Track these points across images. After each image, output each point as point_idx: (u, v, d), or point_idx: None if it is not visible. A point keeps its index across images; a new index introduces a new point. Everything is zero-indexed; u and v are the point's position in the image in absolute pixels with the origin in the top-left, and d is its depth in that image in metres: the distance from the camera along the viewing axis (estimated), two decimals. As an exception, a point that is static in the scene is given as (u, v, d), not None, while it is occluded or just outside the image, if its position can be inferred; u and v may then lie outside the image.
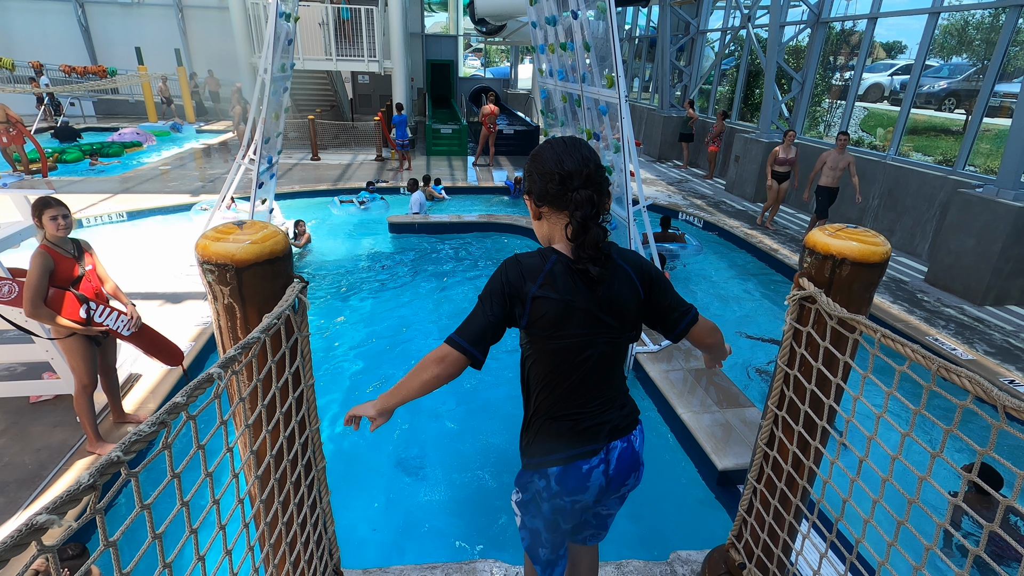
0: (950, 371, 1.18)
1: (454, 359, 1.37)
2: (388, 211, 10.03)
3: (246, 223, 1.41)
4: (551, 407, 1.48)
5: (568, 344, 1.39)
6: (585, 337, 1.40)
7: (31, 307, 3.20)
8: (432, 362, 1.39)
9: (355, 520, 3.55)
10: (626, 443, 1.56)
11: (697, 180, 12.96)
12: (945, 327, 5.96)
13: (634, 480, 1.64)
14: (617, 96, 4.61)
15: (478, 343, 1.37)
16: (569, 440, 1.48)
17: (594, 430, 1.49)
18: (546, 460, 1.49)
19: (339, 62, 15.56)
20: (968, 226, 6.55)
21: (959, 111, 9.57)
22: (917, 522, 1.34)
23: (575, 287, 1.37)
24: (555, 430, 1.48)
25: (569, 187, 1.35)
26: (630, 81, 18.32)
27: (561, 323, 1.37)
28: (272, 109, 6.71)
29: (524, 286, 1.37)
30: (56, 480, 3.45)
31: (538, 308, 1.36)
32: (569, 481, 1.49)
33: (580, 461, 1.48)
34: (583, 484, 1.49)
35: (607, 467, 1.52)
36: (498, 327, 1.39)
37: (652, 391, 4.73)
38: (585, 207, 1.33)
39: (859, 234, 1.56)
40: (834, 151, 7.89)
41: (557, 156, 1.37)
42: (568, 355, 1.41)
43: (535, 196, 1.41)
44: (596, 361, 1.43)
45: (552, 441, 1.48)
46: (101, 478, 0.77)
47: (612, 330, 1.43)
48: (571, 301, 1.37)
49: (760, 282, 7.65)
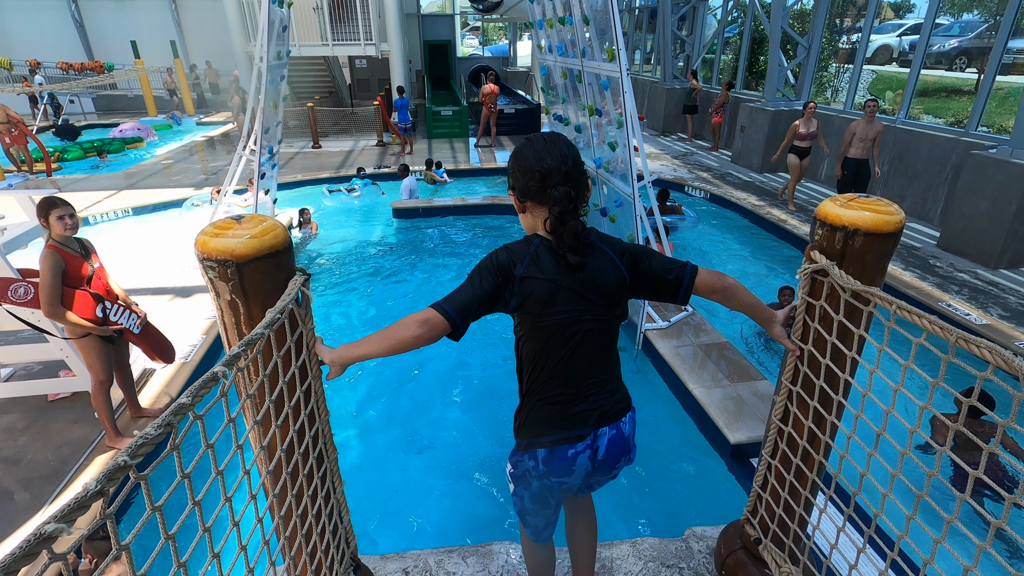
0: (969, 342, 1.14)
1: (436, 323, 1.40)
2: (381, 197, 9.88)
3: (244, 217, 1.39)
4: (542, 387, 1.54)
5: (556, 320, 1.46)
6: (571, 314, 1.47)
7: (49, 307, 3.22)
8: (415, 323, 1.40)
9: (371, 507, 3.59)
10: (615, 430, 1.59)
11: (702, 152, 12.77)
12: (958, 292, 5.88)
13: (624, 462, 1.67)
14: (618, 70, 4.52)
15: (462, 314, 1.41)
16: (558, 424, 1.54)
17: (583, 416, 1.54)
18: (535, 442, 1.56)
19: (335, 47, 15.37)
20: (981, 188, 6.42)
21: (971, 70, 9.31)
22: (937, 495, 1.32)
23: (559, 268, 1.45)
24: (545, 413, 1.54)
25: (548, 184, 1.43)
26: (631, 54, 17.98)
27: (548, 301, 1.45)
28: (270, 98, 6.64)
29: (513, 268, 1.45)
30: (79, 475, 3.51)
31: (526, 288, 1.44)
32: (555, 463, 1.55)
33: (566, 445, 1.54)
34: (568, 467, 1.55)
35: (594, 453, 1.57)
36: (484, 302, 1.44)
37: (663, 368, 4.72)
38: (563, 203, 1.42)
39: (872, 203, 1.52)
40: (862, 120, 7.33)
41: (537, 154, 1.44)
42: (556, 331, 1.47)
43: (518, 192, 1.50)
44: (583, 338, 1.49)
45: (542, 424, 1.55)
46: (109, 483, 0.76)
47: (596, 307, 1.49)
48: (556, 280, 1.45)
49: (769, 254, 7.57)
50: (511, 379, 1.77)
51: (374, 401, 4.65)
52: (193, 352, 4.84)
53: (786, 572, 1.95)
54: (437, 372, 4.98)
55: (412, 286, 6.81)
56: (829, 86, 11.20)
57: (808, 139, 8.14)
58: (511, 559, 2.42)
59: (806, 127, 8.09)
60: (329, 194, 9.88)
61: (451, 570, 2.37)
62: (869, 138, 7.28)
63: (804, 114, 8.09)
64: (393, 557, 2.43)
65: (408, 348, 1.41)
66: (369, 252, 7.86)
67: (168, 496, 0.94)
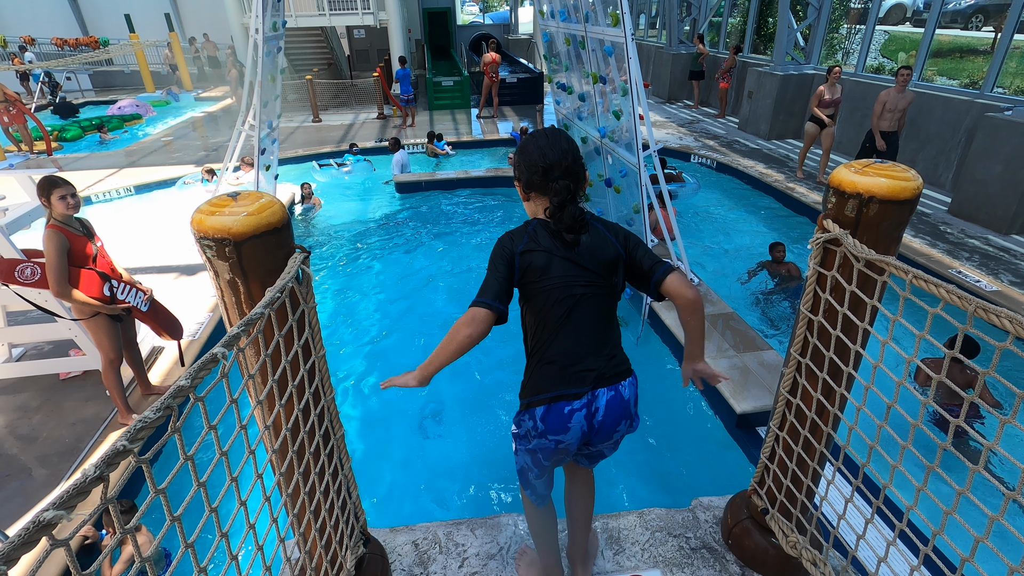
0: (989, 311, 1.11)
1: (483, 316, 1.53)
2: (373, 173, 9.74)
3: (241, 193, 1.36)
4: (542, 349, 1.65)
5: (553, 284, 1.60)
6: (566, 279, 1.60)
7: (58, 287, 3.21)
8: (464, 325, 1.54)
9: (380, 482, 3.64)
10: (613, 391, 1.65)
11: (709, 120, 12.52)
12: (969, 258, 5.80)
13: (625, 427, 1.72)
14: (623, 35, 4.38)
15: (499, 298, 1.56)
16: (556, 382, 1.62)
17: (580, 375, 1.62)
18: (534, 400, 1.65)
19: (332, 16, 15.03)
20: (995, 152, 6.27)
21: (987, 29, 9.01)
22: (947, 466, 1.30)
23: (555, 242, 1.61)
24: (544, 372, 1.64)
25: (550, 178, 1.59)
26: (636, 18, 17.49)
27: (545, 269, 1.60)
28: (267, 71, 6.52)
29: (514, 246, 1.62)
30: (93, 452, 3.57)
31: (525, 260, 1.60)
32: (551, 420, 1.62)
33: (563, 403, 1.61)
34: (564, 425, 1.62)
35: (590, 412, 1.63)
36: (508, 281, 1.60)
37: (669, 339, 4.71)
38: (562, 194, 1.59)
39: (888, 169, 1.46)
40: (893, 89, 6.88)
41: (540, 150, 1.60)
42: (553, 294, 1.60)
43: (523, 184, 1.67)
44: (579, 302, 1.61)
45: (541, 382, 1.65)
46: (108, 469, 0.75)
47: (591, 274, 1.61)
48: (551, 251, 1.60)
49: (777, 223, 7.47)
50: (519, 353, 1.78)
51: (380, 377, 4.67)
52: (200, 330, 4.86)
53: (793, 542, 1.96)
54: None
55: (417, 259, 6.79)
56: (840, 48, 10.88)
57: (832, 106, 7.72)
58: (519, 530, 2.45)
59: (831, 93, 7.65)
60: (319, 168, 9.74)
61: (460, 542, 2.40)
62: (899, 108, 6.88)
63: (828, 79, 7.62)
64: (403, 530, 2.47)
65: (469, 347, 1.55)
66: (372, 227, 7.82)
67: (172, 478, 0.93)
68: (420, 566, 2.28)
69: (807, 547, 1.91)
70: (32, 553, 2.39)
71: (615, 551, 2.34)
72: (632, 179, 4.94)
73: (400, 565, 2.28)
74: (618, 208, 5.56)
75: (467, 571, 2.26)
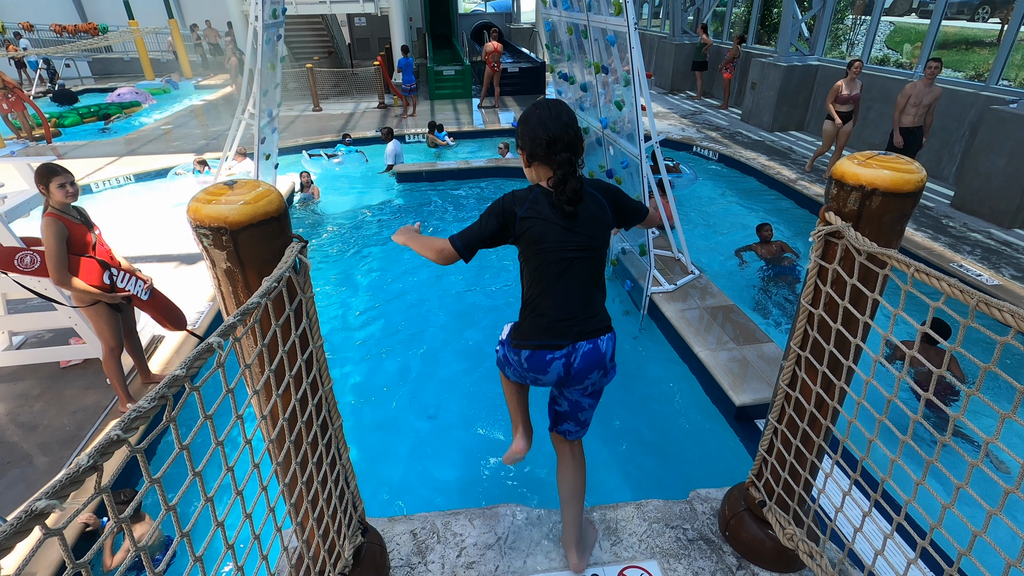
0: (991, 305, 1.10)
1: (449, 254, 1.82)
2: (365, 165, 9.67)
3: (237, 182, 1.34)
4: (535, 303, 1.86)
5: (548, 248, 1.78)
6: (560, 245, 1.78)
7: (58, 275, 3.20)
8: (436, 249, 1.84)
9: (378, 471, 3.65)
10: (591, 345, 1.87)
11: (712, 111, 12.44)
12: (971, 252, 5.78)
13: (598, 376, 1.94)
14: (626, 24, 4.34)
15: (469, 247, 1.82)
16: (542, 332, 1.85)
17: (564, 330, 1.84)
18: (523, 343, 1.89)
19: (333, 4, 14.92)
20: (1000, 145, 6.23)
21: (993, 20, 8.92)
22: (947, 461, 1.30)
23: (553, 211, 1.77)
24: (535, 323, 1.86)
25: (553, 150, 1.73)
26: (639, 7, 17.33)
27: (542, 236, 1.78)
28: (267, 59, 6.47)
29: (516, 209, 1.79)
30: (94, 440, 3.58)
31: (524, 225, 1.78)
32: (534, 363, 1.88)
33: (546, 351, 1.85)
34: (544, 368, 1.88)
35: (568, 362, 1.87)
36: (487, 239, 1.81)
37: (668, 331, 4.70)
38: (565, 167, 1.73)
39: (891, 161, 1.45)
40: (919, 83, 6.54)
41: (543, 122, 1.73)
42: (549, 256, 1.79)
43: (527, 154, 1.81)
44: (570, 265, 1.80)
45: (531, 331, 1.87)
46: (101, 458, 0.75)
47: (583, 238, 1.80)
48: (549, 219, 1.77)
49: (779, 216, 7.44)
50: None
51: (380, 367, 4.68)
52: (201, 319, 4.86)
53: (790, 534, 1.96)
54: (444, 337, 4.99)
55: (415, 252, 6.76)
56: (845, 39, 10.78)
57: (851, 102, 7.36)
58: (517, 520, 2.46)
59: (849, 89, 7.28)
60: (309, 158, 9.63)
61: (458, 532, 2.41)
62: (925, 103, 6.54)
63: (848, 74, 7.26)
64: (401, 519, 2.48)
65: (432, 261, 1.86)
66: (372, 217, 7.79)
67: (167, 468, 0.93)
68: (418, 555, 2.29)
69: (804, 539, 1.91)
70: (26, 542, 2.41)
71: (612, 542, 2.34)
72: (633, 169, 4.91)
73: (398, 554, 2.29)
74: (619, 199, 5.53)
75: (465, 561, 2.27)
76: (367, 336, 5.10)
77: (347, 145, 10.06)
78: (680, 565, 2.22)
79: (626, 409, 4.03)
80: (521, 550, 2.32)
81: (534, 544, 2.35)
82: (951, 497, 1.27)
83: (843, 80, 7.32)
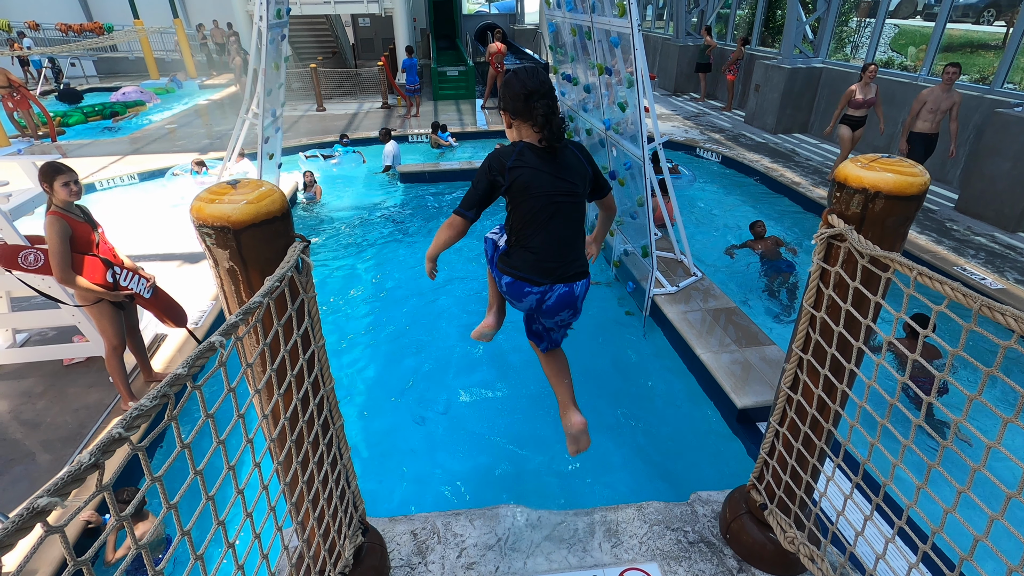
0: (994, 309, 1.10)
1: (459, 223, 2.06)
2: (363, 165, 9.66)
3: (240, 182, 1.35)
4: (525, 240, 2.07)
5: (538, 193, 1.99)
6: (548, 190, 1.99)
7: (62, 274, 3.21)
8: (447, 227, 2.08)
9: (379, 471, 3.65)
10: (567, 288, 2.12)
11: (715, 113, 12.43)
12: (975, 256, 5.76)
13: (568, 315, 2.22)
14: (629, 26, 4.34)
15: (471, 208, 2.04)
16: (527, 268, 2.09)
17: (545, 270, 2.08)
18: (506, 270, 2.13)
19: (337, 4, 14.95)
20: (1004, 148, 6.21)
21: (999, 23, 8.89)
22: (948, 465, 1.30)
23: (538, 159, 1.99)
24: (522, 256, 2.09)
25: (532, 101, 1.94)
26: (643, 9, 17.33)
27: (530, 183, 1.98)
28: (271, 59, 6.49)
29: (504, 161, 1.99)
30: (96, 437, 3.59)
31: (513, 174, 1.97)
32: (513, 290, 2.14)
33: (524, 284, 2.10)
34: (520, 297, 2.14)
35: (542, 298, 2.12)
36: (485, 197, 2.03)
37: (670, 332, 4.69)
38: (544, 108, 1.94)
39: (895, 164, 1.44)
40: (937, 88, 6.31)
41: (521, 81, 1.96)
42: (539, 201, 2.00)
43: (510, 112, 2.01)
44: (557, 208, 2.02)
45: (517, 261, 2.10)
46: (103, 456, 0.75)
47: (568, 184, 2.03)
48: (536, 167, 1.98)
49: (783, 219, 7.42)
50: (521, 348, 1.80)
51: (382, 367, 4.68)
52: (204, 317, 4.87)
53: (791, 537, 1.96)
54: (446, 337, 4.99)
55: (418, 250, 6.78)
56: (849, 42, 10.76)
57: (864, 107, 7.08)
58: (518, 521, 2.46)
59: (863, 93, 7.01)
60: (306, 159, 9.64)
61: (458, 532, 2.41)
62: (942, 110, 6.31)
63: (861, 78, 7.00)
64: (401, 519, 2.48)
65: (453, 242, 2.13)
66: (374, 217, 7.80)
67: (168, 466, 0.93)
68: (418, 556, 2.29)
69: (805, 543, 1.91)
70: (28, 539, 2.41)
71: (613, 544, 2.34)
72: (636, 171, 4.91)
73: (399, 555, 2.29)
74: (621, 201, 5.54)
75: (465, 561, 2.27)
76: (369, 336, 5.10)
77: (344, 145, 10.06)
78: (681, 568, 2.22)
79: (628, 410, 4.03)
80: (521, 551, 2.32)
81: (534, 545, 2.35)
82: (953, 501, 1.26)
83: (856, 84, 7.09)
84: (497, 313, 2.50)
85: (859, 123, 7.23)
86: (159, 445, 3.73)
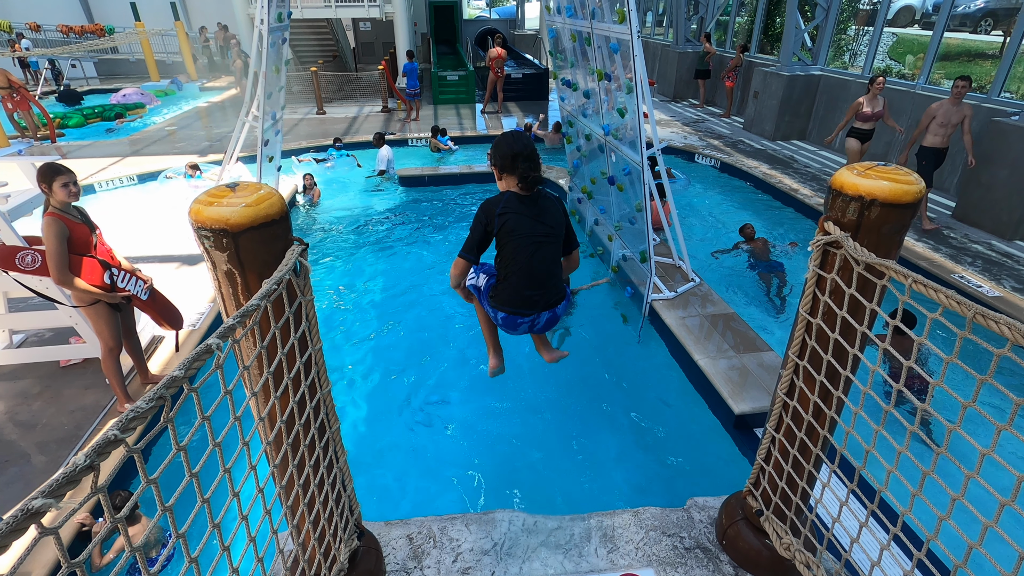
0: (988, 317, 1.10)
1: (463, 264, 2.43)
2: (357, 169, 9.66)
3: (239, 184, 1.35)
4: (510, 276, 2.42)
5: (522, 233, 2.35)
6: (531, 230, 2.35)
7: (59, 275, 3.21)
8: (454, 267, 2.46)
9: (375, 475, 3.64)
10: (551, 313, 2.55)
11: (714, 119, 12.48)
12: (972, 264, 5.78)
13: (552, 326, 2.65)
14: (629, 32, 4.36)
15: (471, 252, 2.41)
16: (516, 302, 2.46)
17: (532, 301, 2.46)
18: (499, 307, 2.51)
19: (338, 8, 15.00)
20: (1001, 156, 6.24)
21: (996, 32, 8.94)
22: (943, 472, 1.30)
23: (521, 207, 2.35)
24: (510, 293, 2.45)
25: (516, 161, 2.32)
26: (643, 15, 17.41)
27: (515, 227, 2.35)
28: (272, 62, 6.51)
29: (494, 209, 2.36)
30: (92, 439, 3.57)
31: (502, 220, 2.35)
32: (507, 322, 2.54)
33: (516, 316, 2.49)
34: (514, 326, 2.56)
35: (532, 324, 2.55)
36: (482, 241, 2.39)
37: (668, 338, 4.70)
38: (527, 169, 2.32)
39: (891, 172, 1.45)
40: (947, 102, 6.17)
41: (509, 144, 2.33)
42: (522, 241, 2.36)
43: (498, 167, 2.39)
44: (536, 248, 2.38)
45: (508, 297, 2.47)
46: (99, 458, 0.75)
47: (547, 227, 2.39)
48: (521, 212, 2.35)
49: (781, 226, 7.44)
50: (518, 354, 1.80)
51: (379, 371, 4.67)
52: (201, 320, 4.87)
53: (787, 544, 1.96)
54: (444, 342, 4.99)
55: (417, 254, 6.78)
56: (847, 50, 10.81)
57: (872, 120, 6.96)
58: (514, 526, 2.45)
59: (871, 106, 6.87)
60: (299, 163, 9.63)
61: (454, 537, 2.40)
62: (952, 123, 6.17)
63: (869, 90, 6.86)
64: (397, 524, 2.47)
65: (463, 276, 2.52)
66: (373, 221, 7.81)
67: (164, 468, 0.93)
68: (414, 560, 2.29)
69: (800, 549, 1.91)
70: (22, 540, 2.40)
71: (609, 549, 2.34)
72: (635, 176, 4.92)
73: (394, 559, 2.29)
74: (620, 206, 5.55)
75: (461, 566, 2.26)
76: (367, 339, 5.10)
77: (337, 149, 10.07)
78: (677, 573, 2.21)
79: (624, 415, 4.03)
80: (517, 556, 2.31)
81: (530, 550, 2.34)
82: (947, 508, 1.27)
83: (864, 97, 6.96)
84: (496, 351, 2.93)
85: (867, 136, 7.11)
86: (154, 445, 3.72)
